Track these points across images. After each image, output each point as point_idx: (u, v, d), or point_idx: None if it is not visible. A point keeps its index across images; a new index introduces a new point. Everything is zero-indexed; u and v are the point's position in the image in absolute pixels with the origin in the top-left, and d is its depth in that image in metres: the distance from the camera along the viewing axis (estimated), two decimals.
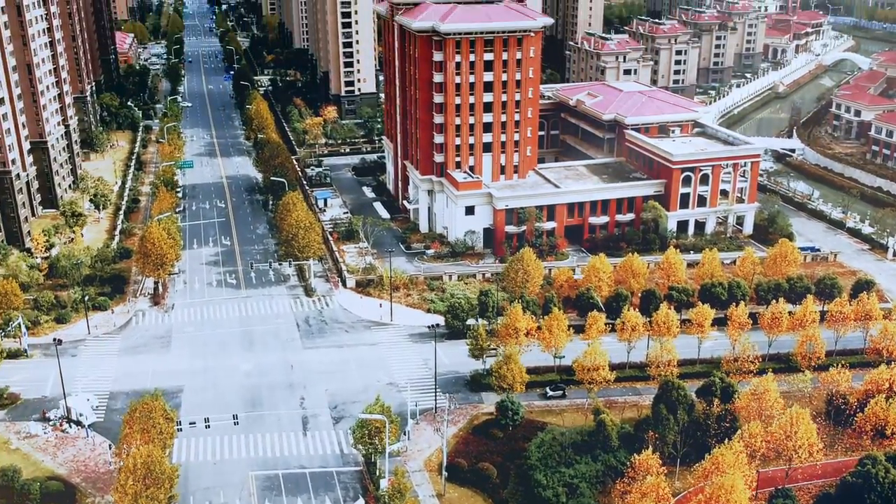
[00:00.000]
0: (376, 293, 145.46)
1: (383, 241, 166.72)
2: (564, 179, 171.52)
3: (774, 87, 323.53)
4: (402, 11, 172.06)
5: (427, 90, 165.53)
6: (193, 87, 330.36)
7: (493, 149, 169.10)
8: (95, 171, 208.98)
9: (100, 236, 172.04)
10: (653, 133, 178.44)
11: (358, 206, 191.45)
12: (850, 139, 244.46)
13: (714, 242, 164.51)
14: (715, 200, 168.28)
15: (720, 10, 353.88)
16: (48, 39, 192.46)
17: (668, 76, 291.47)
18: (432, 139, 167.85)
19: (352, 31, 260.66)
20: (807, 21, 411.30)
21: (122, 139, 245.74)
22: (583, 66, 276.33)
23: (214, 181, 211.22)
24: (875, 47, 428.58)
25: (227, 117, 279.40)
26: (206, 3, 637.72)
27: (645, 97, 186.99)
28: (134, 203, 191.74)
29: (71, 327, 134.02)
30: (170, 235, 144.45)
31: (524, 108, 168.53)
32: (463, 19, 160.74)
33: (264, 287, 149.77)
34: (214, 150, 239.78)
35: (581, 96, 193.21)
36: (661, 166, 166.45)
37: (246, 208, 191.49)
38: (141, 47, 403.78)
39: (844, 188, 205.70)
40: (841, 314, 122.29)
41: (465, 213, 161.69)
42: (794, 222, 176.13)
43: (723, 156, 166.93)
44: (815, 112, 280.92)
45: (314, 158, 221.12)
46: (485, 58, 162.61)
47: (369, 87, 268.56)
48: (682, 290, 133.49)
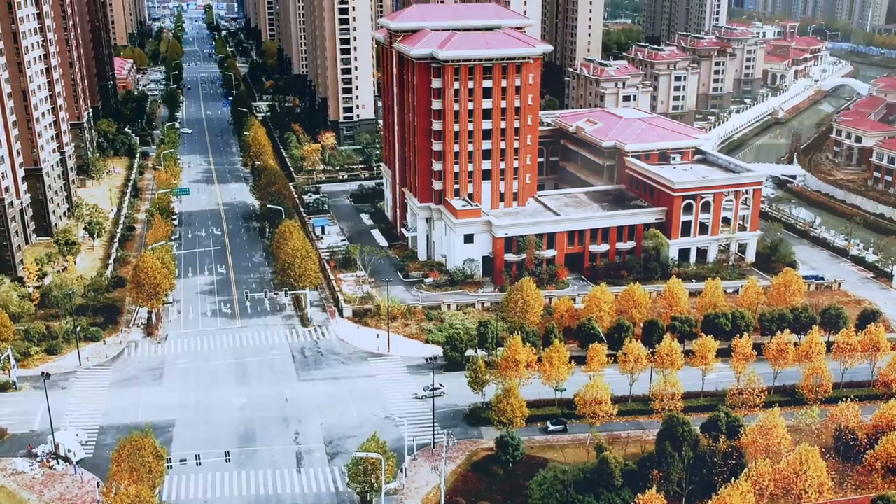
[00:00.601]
0: (373, 323, 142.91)
1: (381, 270, 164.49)
2: (564, 207, 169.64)
3: (774, 112, 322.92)
4: (400, 39, 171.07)
5: (425, 117, 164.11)
6: (192, 112, 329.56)
7: (493, 176, 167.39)
8: (91, 198, 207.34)
9: (94, 265, 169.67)
10: (653, 160, 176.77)
11: (356, 233, 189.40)
12: (851, 165, 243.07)
13: (716, 271, 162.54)
14: (717, 228, 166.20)
15: (719, 36, 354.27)
16: (44, 66, 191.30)
17: (667, 102, 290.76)
18: (431, 166, 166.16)
19: (350, 58, 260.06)
20: (805, 47, 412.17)
21: (119, 165, 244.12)
22: (582, 93, 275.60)
23: (211, 208, 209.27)
24: (873, 73, 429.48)
25: (225, 143, 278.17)
26: (205, 29, 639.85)
27: (645, 124, 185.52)
28: (129, 231, 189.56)
29: (62, 359, 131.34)
30: (164, 265, 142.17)
31: (523, 136, 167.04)
32: (461, 46, 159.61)
33: (259, 317, 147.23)
34: (212, 177, 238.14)
35: (580, 123, 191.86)
36: (661, 194, 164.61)
37: (242, 236, 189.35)
38: (140, 73, 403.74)
39: (847, 215, 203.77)
40: (847, 346, 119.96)
41: (463, 241, 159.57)
42: (797, 250, 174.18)
43: (724, 183, 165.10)
44: (816, 138, 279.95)
45: (312, 185, 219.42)
46: (484, 85, 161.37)
47: (368, 113, 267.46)
48: (684, 320, 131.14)
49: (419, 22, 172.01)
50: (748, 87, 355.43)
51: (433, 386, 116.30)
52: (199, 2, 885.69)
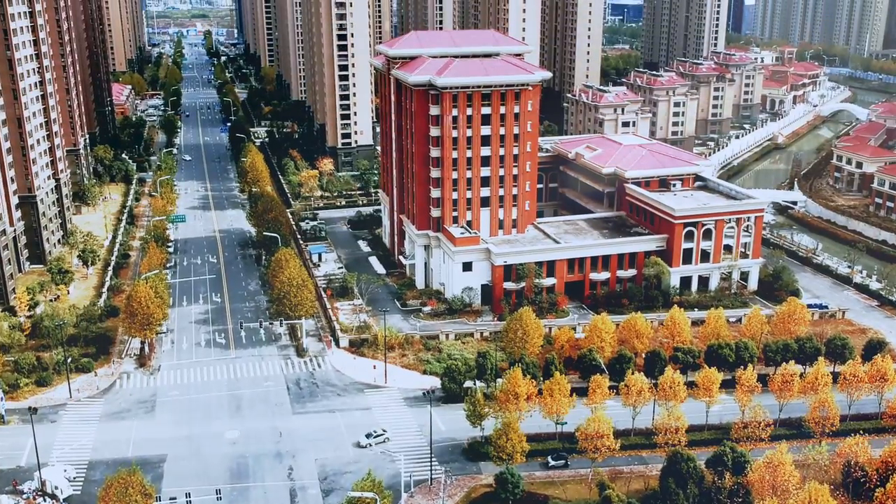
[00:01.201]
0: (370, 353, 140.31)
1: (378, 298, 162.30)
2: (564, 234, 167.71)
3: (773, 137, 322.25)
4: (398, 65, 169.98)
5: (423, 144, 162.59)
6: (190, 138, 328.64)
7: (491, 203, 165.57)
8: (86, 224, 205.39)
9: (87, 293, 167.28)
10: (653, 187, 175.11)
11: (353, 260, 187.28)
12: (852, 191, 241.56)
13: (718, 299, 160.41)
14: (718, 256, 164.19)
15: (717, 61, 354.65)
16: (40, 93, 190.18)
17: (666, 128, 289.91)
18: (429, 193, 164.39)
19: (349, 84, 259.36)
20: (803, 72, 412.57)
21: (116, 192, 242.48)
22: (581, 119, 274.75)
23: (207, 235, 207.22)
24: (871, 98, 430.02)
25: (222, 169, 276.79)
26: (205, 54, 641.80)
27: (645, 150, 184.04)
28: (124, 258, 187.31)
29: (52, 391, 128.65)
30: (157, 294, 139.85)
31: (522, 162, 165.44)
32: (460, 73, 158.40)
33: (254, 347, 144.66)
34: (209, 203, 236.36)
35: (580, 149, 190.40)
36: (662, 221, 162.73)
37: (238, 263, 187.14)
38: (139, 99, 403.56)
39: (849, 242, 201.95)
40: (854, 377, 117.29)
41: (462, 270, 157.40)
42: (800, 277, 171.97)
43: (726, 210, 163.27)
44: (816, 163, 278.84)
45: (309, 212, 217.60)
46: (482, 111, 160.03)
47: (366, 139, 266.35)
48: (687, 351, 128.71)
49: (417, 49, 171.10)
50: (747, 113, 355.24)
51: (376, 432, 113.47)
52: (199, 28, 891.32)
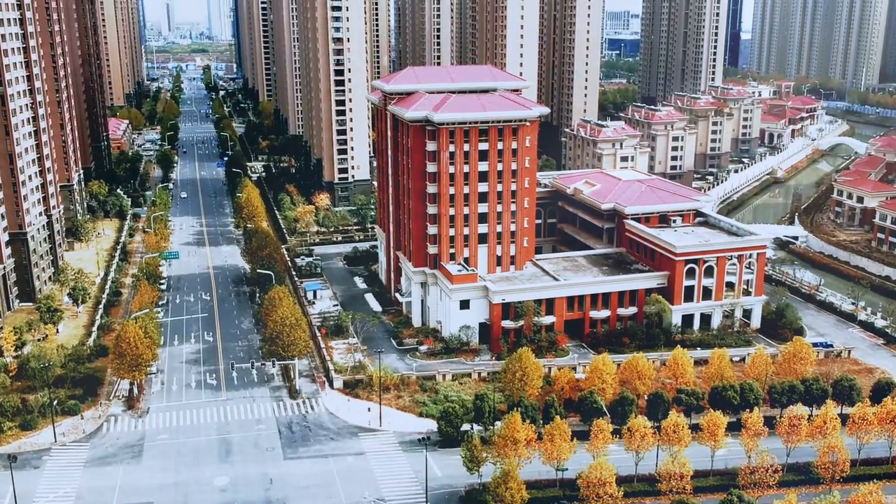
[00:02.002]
0: (365, 395, 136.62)
1: (374, 337, 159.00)
2: (563, 271, 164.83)
3: (773, 172, 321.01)
4: (394, 101, 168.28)
5: (420, 180, 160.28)
6: (186, 173, 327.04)
7: (489, 240, 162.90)
8: (79, 261, 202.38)
9: (77, 332, 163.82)
10: (653, 223, 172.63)
11: (349, 297, 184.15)
12: (853, 226, 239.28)
13: (721, 337, 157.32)
14: (720, 293, 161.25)
15: (715, 96, 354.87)
16: (33, 129, 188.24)
17: (665, 162, 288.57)
18: (425, 230, 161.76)
19: (346, 119, 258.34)
20: (801, 106, 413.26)
21: (109, 228, 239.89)
22: (579, 153, 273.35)
23: (201, 272, 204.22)
24: (869, 131, 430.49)
25: (218, 204, 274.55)
26: (204, 89, 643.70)
27: (644, 186, 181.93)
28: (115, 296, 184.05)
29: (36, 435, 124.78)
30: (147, 334, 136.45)
31: (520, 198, 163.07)
32: (457, 109, 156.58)
33: (246, 388, 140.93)
34: (203, 239, 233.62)
35: (579, 185, 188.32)
36: (663, 258, 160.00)
37: (232, 301, 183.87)
38: (136, 133, 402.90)
39: (852, 277, 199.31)
40: (864, 420, 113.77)
41: (459, 308, 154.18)
42: (804, 315, 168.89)
43: (727, 247, 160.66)
44: (816, 198, 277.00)
45: (305, 247, 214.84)
46: (479, 147, 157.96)
47: (363, 174, 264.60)
48: (691, 392, 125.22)
49: (414, 84, 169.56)
50: (746, 147, 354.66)
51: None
52: (198, 62, 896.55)
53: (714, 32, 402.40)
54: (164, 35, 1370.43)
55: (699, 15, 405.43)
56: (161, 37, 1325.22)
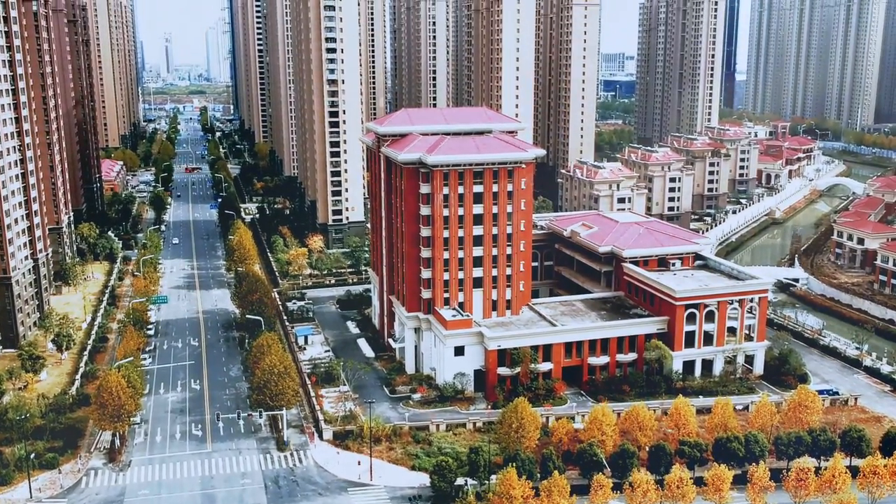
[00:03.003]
0: (355, 447, 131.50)
1: (366, 384, 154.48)
2: (561, 316, 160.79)
3: (771, 212, 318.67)
4: (388, 143, 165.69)
5: (413, 223, 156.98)
6: (179, 214, 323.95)
7: (484, 284, 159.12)
8: (66, 305, 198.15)
9: (60, 379, 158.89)
10: (652, 266, 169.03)
11: (341, 342, 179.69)
12: (854, 268, 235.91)
13: (723, 384, 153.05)
14: (722, 339, 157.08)
15: (712, 136, 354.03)
16: (21, 171, 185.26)
17: (662, 203, 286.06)
18: (419, 274, 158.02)
19: (340, 160, 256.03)
20: (797, 146, 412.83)
21: (99, 271, 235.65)
22: (576, 194, 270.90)
23: (190, 316, 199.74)
24: (866, 171, 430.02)
25: (210, 247, 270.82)
26: (200, 130, 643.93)
27: (642, 228, 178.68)
28: (102, 342, 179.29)
29: (11, 490, 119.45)
30: (130, 383, 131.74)
31: (516, 242, 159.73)
32: (451, 151, 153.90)
33: (232, 439, 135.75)
34: (194, 283, 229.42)
35: (575, 227, 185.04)
36: (663, 302, 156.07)
37: (220, 347, 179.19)
38: (130, 174, 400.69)
39: (855, 321, 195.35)
40: (874, 473, 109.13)
41: (454, 354, 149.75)
42: (807, 360, 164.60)
43: (728, 291, 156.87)
44: (816, 239, 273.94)
45: (297, 291, 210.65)
46: (474, 190, 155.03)
47: (358, 215, 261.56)
48: (694, 444, 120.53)
49: (407, 126, 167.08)
50: (743, 188, 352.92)
51: None
52: (196, 104, 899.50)
53: (710, 73, 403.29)
54: (163, 77, 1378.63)
55: (694, 56, 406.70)
56: (160, 78, 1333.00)
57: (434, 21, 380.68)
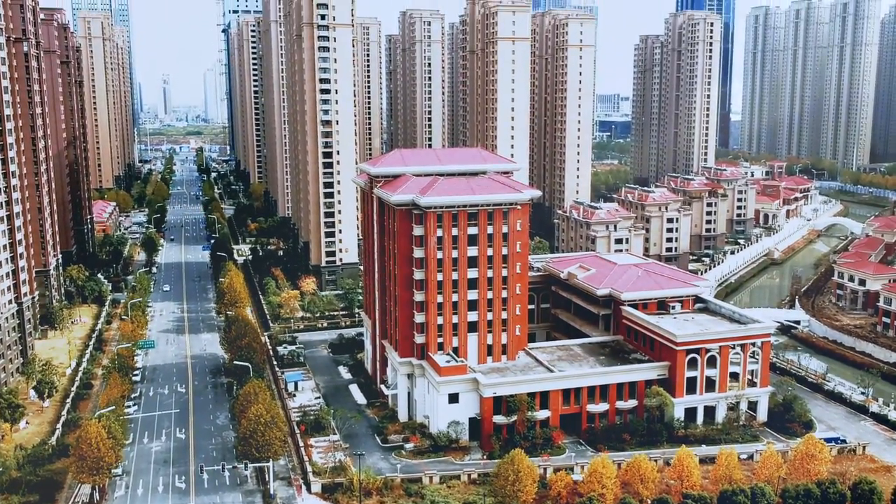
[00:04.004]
0: (345, 500, 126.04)
1: (357, 433, 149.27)
2: (558, 361, 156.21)
3: (769, 253, 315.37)
4: (380, 184, 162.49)
5: (406, 266, 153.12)
6: (172, 256, 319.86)
7: (479, 328, 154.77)
8: (51, 350, 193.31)
9: (41, 428, 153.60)
10: (651, 309, 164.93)
11: (332, 388, 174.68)
12: (856, 309, 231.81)
13: (726, 432, 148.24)
14: (724, 385, 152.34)
15: (709, 177, 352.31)
16: (6, 213, 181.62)
17: (660, 244, 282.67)
18: (412, 318, 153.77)
19: (333, 201, 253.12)
20: (794, 186, 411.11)
21: (87, 314, 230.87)
22: (572, 235, 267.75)
23: (178, 362, 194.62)
24: (863, 211, 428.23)
25: (201, 289, 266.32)
26: (196, 171, 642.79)
27: (640, 270, 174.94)
28: (86, 389, 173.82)
29: None
30: (111, 434, 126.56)
31: (512, 285, 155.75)
32: (445, 192, 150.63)
33: (217, 492, 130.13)
34: (183, 326, 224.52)
35: (573, 269, 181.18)
36: (663, 347, 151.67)
37: (208, 394, 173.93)
38: (123, 215, 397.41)
39: (858, 364, 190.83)
40: None
41: (448, 402, 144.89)
42: (812, 406, 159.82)
43: (731, 336, 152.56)
44: (816, 280, 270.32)
45: (288, 335, 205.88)
46: (469, 232, 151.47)
47: (351, 257, 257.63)
48: (698, 498, 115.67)
49: (400, 167, 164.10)
50: (741, 228, 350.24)
51: None
52: (192, 144, 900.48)
53: (705, 113, 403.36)
54: (161, 118, 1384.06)
55: (690, 97, 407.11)
56: (157, 119, 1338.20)
57: (429, 62, 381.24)
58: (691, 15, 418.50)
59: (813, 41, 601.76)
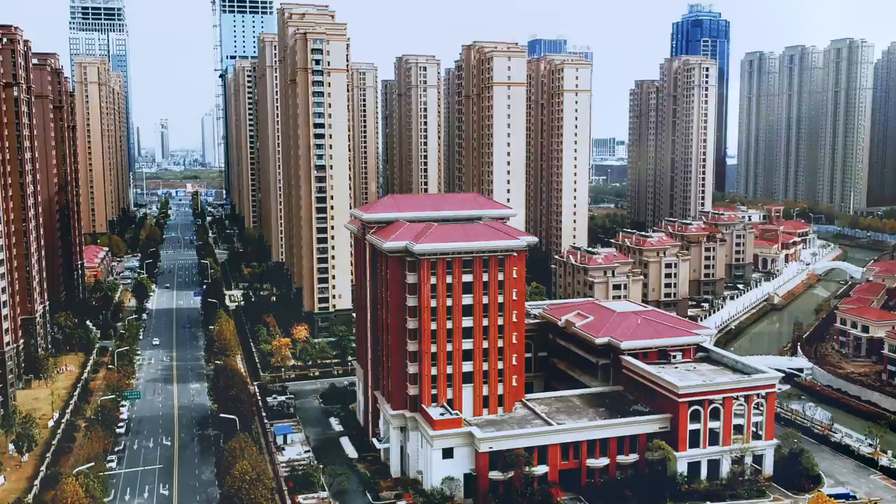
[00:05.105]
0: None
1: (347, 490, 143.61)
2: (556, 413, 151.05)
3: (769, 298, 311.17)
4: (373, 230, 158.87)
5: (399, 315, 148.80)
6: (163, 302, 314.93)
7: (475, 379, 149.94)
8: (34, 401, 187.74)
9: (19, 485, 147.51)
10: (652, 358, 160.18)
11: (322, 441, 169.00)
12: (860, 357, 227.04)
13: (731, 487, 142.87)
14: (728, 438, 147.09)
15: (707, 221, 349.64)
16: None
17: (658, 290, 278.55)
18: (405, 369, 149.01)
19: (327, 246, 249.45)
20: (792, 230, 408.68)
21: (74, 363, 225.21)
22: (570, 281, 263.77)
23: (165, 412, 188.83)
24: (862, 255, 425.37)
25: (192, 336, 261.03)
26: (191, 215, 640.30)
27: (640, 318, 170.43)
28: (68, 442, 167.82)
29: None
30: (88, 493, 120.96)
31: (508, 334, 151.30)
32: (439, 239, 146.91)
33: None
34: (171, 376, 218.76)
35: (570, 316, 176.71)
36: (665, 399, 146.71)
37: (194, 447, 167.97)
38: (116, 260, 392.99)
39: (864, 414, 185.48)
40: None
41: (442, 457, 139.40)
42: (819, 459, 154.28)
43: (734, 387, 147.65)
44: (817, 326, 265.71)
45: (278, 384, 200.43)
46: (463, 279, 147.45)
47: (345, 303, 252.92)
48: None
49: (394, 213, 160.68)
50: (740, 272, 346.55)
51: None
52: (189, 188, 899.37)
53: (702, 158, 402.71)
54: (158, 161, 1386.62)
55: (686, 141, 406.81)
56: (154, 163, 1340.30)
57: (425, 107, 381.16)
58: (686, 60, 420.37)
59: (807, 86, 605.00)
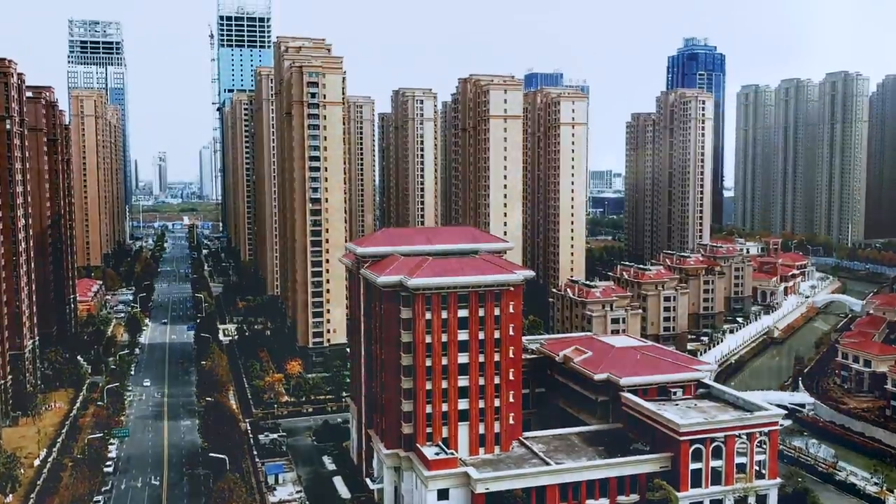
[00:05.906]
0: None
1: None
2: (555, 452, 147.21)
3: (769, 331, 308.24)
4: (367, 265, 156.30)
5: (394, 351, 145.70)
6: (156, 337, 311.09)
7: (471, 417, 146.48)
8: (20, 439, 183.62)
9: None
10: (652, 395, 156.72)
11: (315, 480, 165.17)
12: (862, 391, 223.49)
13: None
14: (731, 477, 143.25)
15: (705, 254, 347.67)
16: None
17: (657, 323, 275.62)
18: (400, 407, 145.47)
19: (322, 280, 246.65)
20: (791, 262, 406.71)
21: (63, 399, 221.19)
22: (567, 314, 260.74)
23: (154, 451, 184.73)
24: (861, 287, 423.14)
25: (184, 372, 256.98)
26: (187, 248, 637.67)
27: (639, 354, 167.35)
28: (54, 482, 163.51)
29: None
30: None
31: (505, 370, 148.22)
32: (434, 273, 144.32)
33: None
34: (162, 413, 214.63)
35: (568, 352, 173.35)
36: (666, 437, 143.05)
37: (183, 488, 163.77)
38: (110, 294, 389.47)
39: (868, 450, 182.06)
40: None
41: (437, 498, 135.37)
42: (824, 498, 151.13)
43: (737, 424, 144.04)
44: (818, 360, 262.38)
45: (270, 422, 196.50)
46: (459, 315, 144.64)
47: (340, 337, 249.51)
48: None
49: (388, 247, 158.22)
50: (739, 305, 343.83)
51: None
52: (185, 221, 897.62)
53: (699, 190, 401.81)
54: (156, 194, 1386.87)
55: (683, 173, 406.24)
56: (152, 196, 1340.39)
57: (422, 140, 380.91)
58: (682, 93, 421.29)
59: (803, 118, 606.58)
